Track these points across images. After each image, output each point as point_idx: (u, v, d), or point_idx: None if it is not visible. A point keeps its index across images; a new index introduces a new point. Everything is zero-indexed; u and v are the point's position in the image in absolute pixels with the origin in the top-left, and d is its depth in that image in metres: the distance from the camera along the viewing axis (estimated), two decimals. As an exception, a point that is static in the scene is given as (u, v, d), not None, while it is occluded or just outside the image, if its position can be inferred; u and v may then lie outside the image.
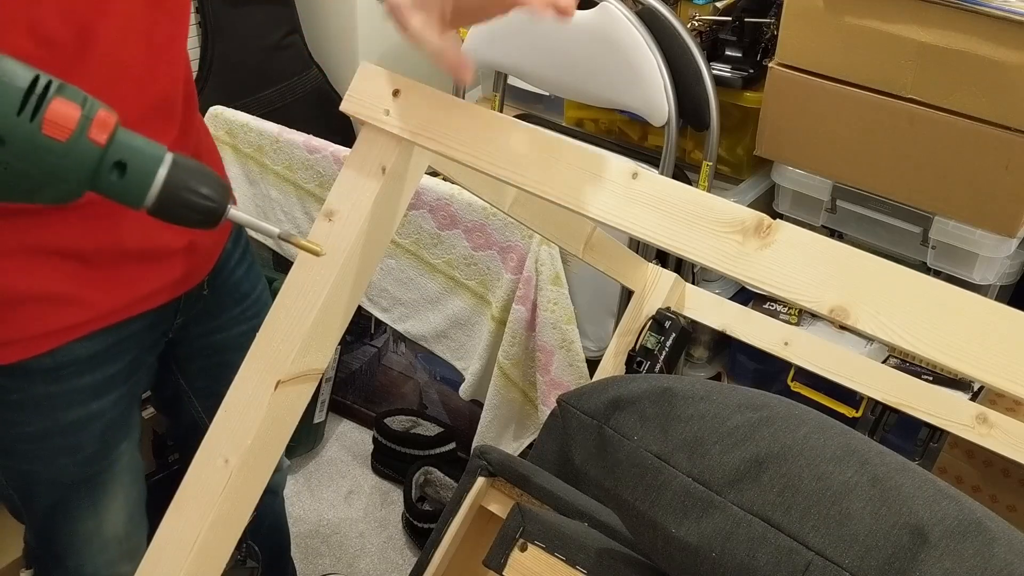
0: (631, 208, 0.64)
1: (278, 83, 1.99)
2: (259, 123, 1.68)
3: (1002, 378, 0.53)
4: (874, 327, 0.56)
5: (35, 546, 1.13)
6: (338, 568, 1.84)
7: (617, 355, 1.37)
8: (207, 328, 1.12)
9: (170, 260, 1.00)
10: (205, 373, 1.19)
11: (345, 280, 0.72)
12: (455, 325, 1.64)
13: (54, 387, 0.96)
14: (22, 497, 1.06)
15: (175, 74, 0.94)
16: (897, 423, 1.50)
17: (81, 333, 0.95)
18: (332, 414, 2.16)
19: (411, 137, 0.71)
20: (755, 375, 1.65)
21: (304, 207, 1.71)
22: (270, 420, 0.72)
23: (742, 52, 1.56)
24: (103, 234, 0.92)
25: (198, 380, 1.12)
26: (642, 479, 0.67)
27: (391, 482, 2.04)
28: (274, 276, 1.78)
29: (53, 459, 1.01)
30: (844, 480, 0.61)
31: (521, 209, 1.03)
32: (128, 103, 0.76)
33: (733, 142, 1.63)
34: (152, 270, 0.99)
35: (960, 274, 1.42)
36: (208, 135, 1.10)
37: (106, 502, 1.07)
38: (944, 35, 1.25)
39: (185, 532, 0.71)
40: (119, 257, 0.94)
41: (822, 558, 0.59)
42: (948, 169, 1.33)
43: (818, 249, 0.59)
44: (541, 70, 1.61)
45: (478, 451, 0.99)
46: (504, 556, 0.80)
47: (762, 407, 0.68)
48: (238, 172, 1.76)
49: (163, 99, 0.93)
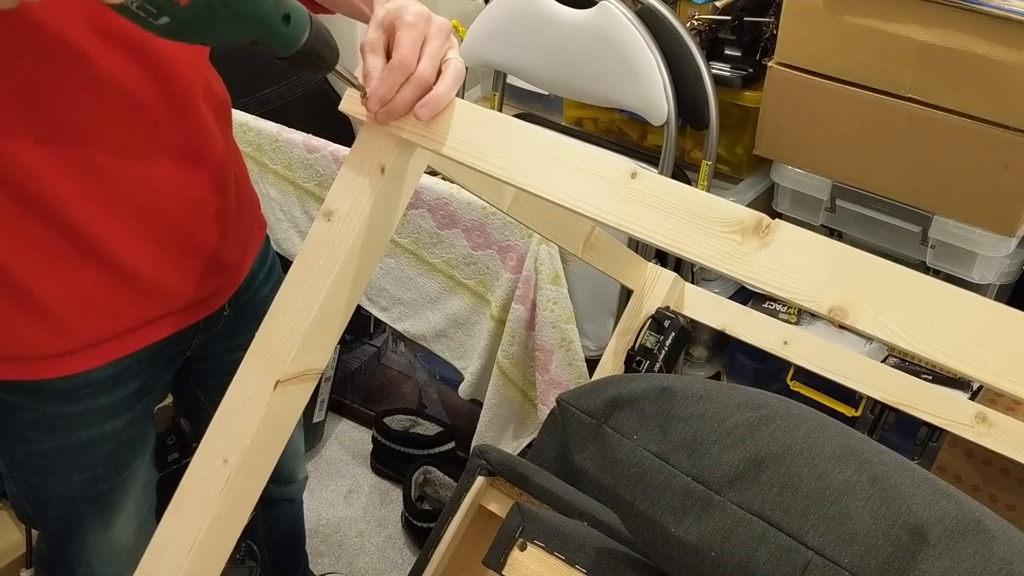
0: (630, 208, 0.64)
1: (277, 82, 1.99)
2: (258, 122, 1.68)
3: (1001, 378, 0.53)
4: (873, 327, 0.56)
5: (47, 552, 1.13)
6: (338, 567, 1.84)
7: (616, 354, 1.37)
8: (228, 346, 1.11)
9: (195, 282, 0.99)
10: (224, 389, 1.19)
11: (344, 279, 0.72)
12: (454, 324, 1.64)
13: (69, 408, 0.96)
14: (35, 508, 1.06)
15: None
16: (896, 422, 1.50)
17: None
18: (331, 413, 2.16)
19: (410, 137, 0.71)
20: (754, 374, 1.65)
21: (303, 206, 1.71)
22: (269, 420, 0.72)
23: (741, 51, 1.56)
24: (139, 258, 0.92)
25: (217, 395, 1.13)
26: (641, 478, 0.67)
27: (390, 481, 2.04)
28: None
29: (66, 475, 1.01)
30: (843, 479, 0.61)
31: (520, 208, 1.02)
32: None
33: (732, 141, 1.63)
34: (174, 293, 0.98)
35: (959, 273, 1.42)
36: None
37: (117, 515, 1.07)
38: (944, 34, 1.25)
39: (184, 532, 0.71)
40: (145, 280, 0.94)
41: (821, 557, 0.59)
42: (947, 168, 1.33)
43: (817, 249, 0.59)
44: (540, 69, 1.61)
45: (477, 450, 0.99)
46: (503, 555, 0.80)
47: (761, 406, 0.68)
48: (237, 171, 1.75)
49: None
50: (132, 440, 1.04)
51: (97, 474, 1.02)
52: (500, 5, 1.59)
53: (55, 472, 1.00)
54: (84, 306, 0.90)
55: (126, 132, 0.86)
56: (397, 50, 0.68)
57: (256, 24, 0.60)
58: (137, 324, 0.95)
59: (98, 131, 0.84)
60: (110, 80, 0.82)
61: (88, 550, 1.08)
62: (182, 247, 0.95)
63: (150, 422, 1.08)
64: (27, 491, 1.04)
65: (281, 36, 0.63)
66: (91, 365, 0.94)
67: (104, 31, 0.79)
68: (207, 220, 0.97)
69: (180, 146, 0.91)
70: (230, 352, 1.10)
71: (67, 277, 0.88)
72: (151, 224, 0.91)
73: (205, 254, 0.99)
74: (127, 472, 1.05)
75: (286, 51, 0.64)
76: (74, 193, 0.84)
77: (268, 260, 1.16)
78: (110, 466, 1.03)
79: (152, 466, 1.11)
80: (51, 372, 0.92)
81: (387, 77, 0.68)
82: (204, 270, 0.99)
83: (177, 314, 0.99)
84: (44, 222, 0.84)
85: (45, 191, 0.82)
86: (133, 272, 0.91)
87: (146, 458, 1.09)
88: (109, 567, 1.10)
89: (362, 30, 0.72)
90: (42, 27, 0.76)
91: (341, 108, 0.74)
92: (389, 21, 0.69)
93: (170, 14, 0.57)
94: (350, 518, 1.96)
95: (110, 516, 1.06)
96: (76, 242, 0.86)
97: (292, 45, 0.64)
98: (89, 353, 0.93)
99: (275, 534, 1.51)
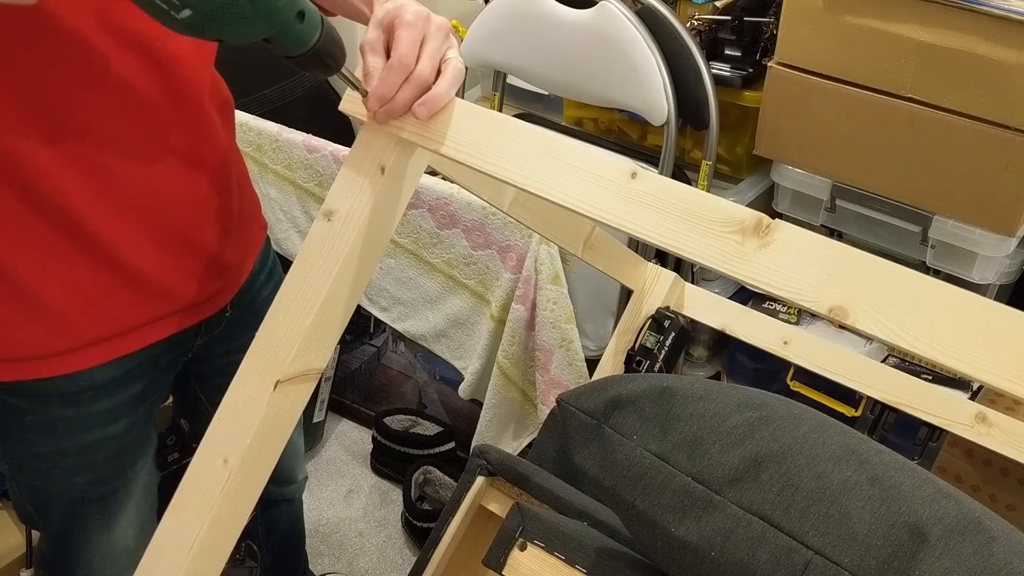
0: (630, 208, 0.64)
1: (277, 82, 1.99)
2: (258, 122, 1.68)
3: (1001, 377, 0.53)
4: (873, 327, 0.56)
5: (48, 553, 1.13)
6: (337, 567, 1.84)
7: (616, 354, 1.37)
8: (229, 348, 1.11)
9: (196, 283, 0.99)
10: (225, 391, 1.19)
11: (344, 279, 0.72)
12: (454, 324, 1.64)
13: (71, 411, 0.96)
14: (37, 510, 1.06)
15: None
16: (896, 422, 1.50)
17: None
18: (331, 413, 2.16)
19: (410, 137, 0.71)
20: (754, 374, 1.65)
21: (303, 206, 1.71)
22: (269, 420, 0.72)
23: (741, 51, 1.56)
24: (141, 257, 0.92)
25: (217, 396, 1.14)
26: (641, 478, 0.67)
27: (390, 481, 2.04)
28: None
29: (69, 477, 1.01)
30: (843, 479, 0.61)
31: (520, 208, 1.02)
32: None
33: (732, 141, 1.63)
34: (175, 293, 0.98)
35: (959, 273, 1.42)
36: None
37: (119, 517, 1.07)
38: (944, 34, 1.25)
39: (184, 532, 0.71)
40: (147, 280, 0.94)
41: (821, 557, 0.59)
42: (947, 168, 1.33)
43: (817, 249, 0.59)
44: (540, 69, 1.61)
45: (477, 450, 0.99)
46: (503, 555, 0.80)
47: (761, 406, 0.68)
48: (237, 171, 1.75)
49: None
50: (134, 442, 1.04)
51: (99, 476, 1.02)
52: (500, 5, 1.59)
53: (58, 474, 1.00)
54: (85, 305, 0.90)
55: (134, 132, 0.86)
56: (396, 49, 0.68)
57: (272, 19, 0.60)
58: (138, 324, 0.95)
59: (106, 131, 0.84)
60: (119, 80, 0.82)
61: (89, 551, 1.08)
62: (184, 247, 0.95)
63: (152, 424, 1.08)
64: (29, 493, 1.04)
65: (294, 33, 0.62)
66: (92, 363, 0.94)
67: (114, 30, 0.79)
68: (209, 220, 0.97)
69: (186, 147, 0.91)
70: (231, 353, 1.10)
71: (69, 275, 0.88)
72: (154, 224, 0.91)
73: (207, 254, 0.99)
74: (129, 474, 1.05)
75: (297, 50, 0.64)
76: (80, 192, 0.84)
77: (269, 261, 1.16)
78: (112, 468, 1.03)
79: (154, 468, 1.12)
80: (52, 371, 0.92)
81: (387, 76, 0.68)
82: (205, 270, 0.99)
83: (178, 314, 0.99)
84: (48, 221, 0.84)
85: (51, 190, 0.82)
86: (135, 271, 0.91)
87: (148, 460, 1.09)
88: (110, 568, 1.10)
89: (362, 31, 0.72)
90: (51, 24, 0.76)
91: (341, 108, 0.74)
92: (388, 21, 0.69)
93: (192, 6, 0.57)
94: (350, 518, 1.96)
95: (112, 518, 1.07)
96: (79, 241, 0.86)
97: (304, 44, 0.64)
98: (90, 351, 0.93)
99: (275, 534, 1.51)
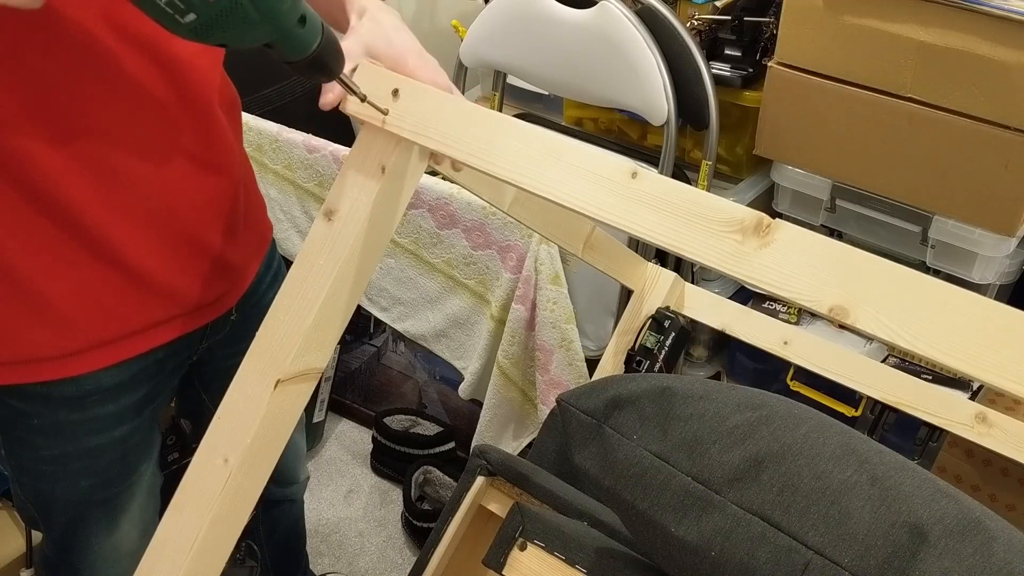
0: (630, 207, 0.64)
1: (277, 82, 1.99)
2: (258, 122, 1.68)
3: (1001, 377, 0.53)
4: (873, 326, 0.56)
5: (51, 555, 1.13)
6: (337, 567, 1.84)
7: (616, 354, 1.37)
8: (233, 351, 1.09)
9: (202, 285, 0.99)
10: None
11: (345, 279, 0.72)
12: (454, 324, 1.64)
13: (77, 415, 0.96)
14: (41, 513, 1.06)
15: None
16: (896, 422, 1.50)
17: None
18: (331, 413, 2.16)
19: (411, 137, 0.71)
20: (754, 374, 1.65)
21: (303, 206, 1.71)
22: (269, 419, 0.72)
23: (741, 51, 1.56)
24: (148, 258, 0.92)
25: (220, 398, 1.14)
26: (641, 478, 0.67)
27: (390, 481, 2.04)
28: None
29: (73, 481, 1.01)
30: (843, 479, 0.61)
31: (520, 208, 1.02)
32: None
33: (732, 141, 1.63)
34: (181, 295, 0.98)
35: (959, 273, 1.42)
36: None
37: (122, 519, 1.07)
38: (944, 34, 1.25)
39: (184, 531, 0.71)
40: (153, 282, 0.94)
41: (821, 557, 0.59)
42: (947, 168, 1.33)
43: (817, 248, 0.59)
44: (540, 69, 1.61)
45: (477, 450, 0.99)
46: (503, 555, 0.80)
47: (761, 406, 0.68)
48: (237, 171, 1.75)
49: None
50: (139, 446, 1.04)
51: (104, 479, 1.02)
52: (500, 5, 1.59)
53: (62, 478, 1.00)
54: (91, 306, 0.90)
55: (143, 134, 0.86)
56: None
57: (276, 23, 0.60)
58: (144, 326, 0.95)
59: (115, 132, 0.83)
60: (129, 81, 0.82)
61: (92, 554, 1.08)
62: (191, 248, 0.95)
63: (156, 427, 1.08)
64: (33, 496, 1.04)
65: (296, 38, 0.62)
66: (97, 366, 0.93)
67: (122, 31, 0.79)
68: (217, 222, 0.97)
69: (195, 149, 0.91)
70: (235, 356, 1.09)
71: (75, 277, 0.87)
72: (162, 225, 0.91)
73: (213, 256, 0.99)
74: (133, 477, 1.05)
75: (298, 55, 0.64)
76: (87, 194, 0.84)
77: (274, 264, 1.15)
78: (117, 471, 1.03)
79: (157, 470, 1.11)
80: (57, 373, 0.91)
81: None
82: (211, 272, 0.99)
83: (184, 317, 0.99)
84: (55, 222, 0.84)
85: (59, 191, 0.82)
86: (141, 273, 0.91)
87: (152, 463, 1.09)
88: (113, 570, 1.10)
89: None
90: (60, 26, 0.76)
91: (341, 108, 0.74)
92: (381, 54, 0.74)
93: (197, 11, 0.57)
94: (350, 518, 1.96)
95: (115, 520, 1.07)
96: (86, 242, 0.86)
97: (304, 49, 0.64)
98: (95, 354, 0.93)
99: (276, 534, 1.51)
